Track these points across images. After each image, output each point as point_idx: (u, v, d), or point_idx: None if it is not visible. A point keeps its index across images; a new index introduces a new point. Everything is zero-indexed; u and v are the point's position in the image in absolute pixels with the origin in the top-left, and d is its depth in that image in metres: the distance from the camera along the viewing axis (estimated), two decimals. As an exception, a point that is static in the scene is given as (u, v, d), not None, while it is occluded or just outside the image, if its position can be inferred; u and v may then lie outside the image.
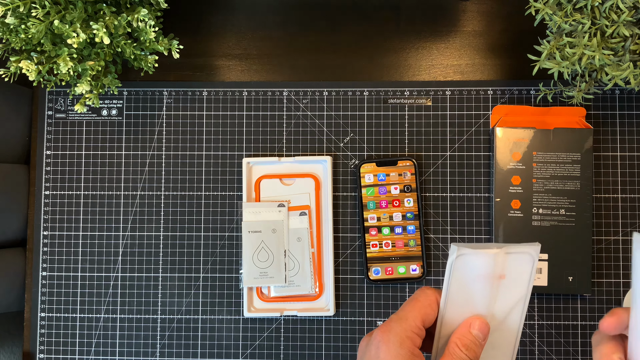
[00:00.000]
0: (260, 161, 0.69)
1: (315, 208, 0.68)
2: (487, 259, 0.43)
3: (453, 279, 0.43)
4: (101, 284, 0.69)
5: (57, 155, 0.71)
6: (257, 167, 0.69)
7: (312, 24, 0.71)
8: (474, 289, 0.44)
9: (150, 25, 0.59)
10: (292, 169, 0.69)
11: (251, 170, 0.69)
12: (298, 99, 0.70)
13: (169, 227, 0.70)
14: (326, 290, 0.68)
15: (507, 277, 0.43)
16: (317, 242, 0.68)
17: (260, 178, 0.69)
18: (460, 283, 0.44)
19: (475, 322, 0.43)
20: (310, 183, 0.68)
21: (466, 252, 0.43)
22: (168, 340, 0.69)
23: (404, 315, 0.43)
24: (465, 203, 0.68)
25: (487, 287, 0.43)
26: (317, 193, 0.68)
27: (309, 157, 0.69)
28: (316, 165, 0.69)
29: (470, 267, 0.43)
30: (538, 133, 0.66)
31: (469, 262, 0.43)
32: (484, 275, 0.43)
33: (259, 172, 0.69)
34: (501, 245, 0.43)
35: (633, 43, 0.54)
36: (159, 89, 0.71)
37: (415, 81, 0.70)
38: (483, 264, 0.43)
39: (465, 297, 0.44)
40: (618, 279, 0.66)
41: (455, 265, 0.43)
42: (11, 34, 0.58)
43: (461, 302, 0.44)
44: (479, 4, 0.71)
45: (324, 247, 0.68)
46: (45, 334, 0.69)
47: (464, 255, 0.43)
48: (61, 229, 0.70)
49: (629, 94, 0.68)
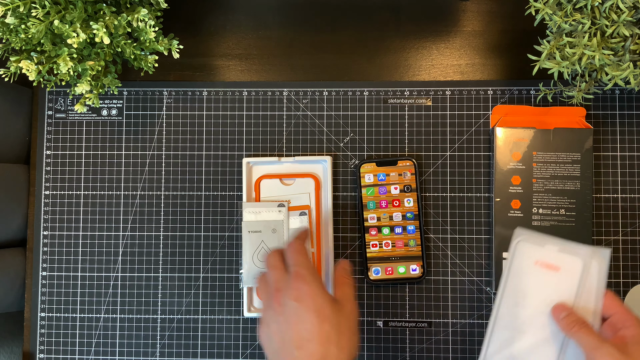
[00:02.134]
0: (260, 161, 0.69)
1: (315, 208, 0.68)
2: (544, 248, 0.54)
3: (515, 261, 0.54)
4: (101, 284, 0.69)
5: (57, 155, 0.71)
6: (257, 167, 0.69)
7: (312, 24, 0.71)
8: (529, 273, 0.54)
9: (150, 25, 0.59)
10: (292, 169, 0.69)
11: (251, 170, 0.69)
12: (298, 99, 0.70)
13: (169, 227, 0.70)
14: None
15: (561, 270, 0.54)
16: (316, 242, 0.68)
17: (260, 178, 0.68)
18: (519, 267, 0.54)
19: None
20: (310, 183, 0.68)
21: (526, 237, 0.55)
22: (168, 340, 0.69)
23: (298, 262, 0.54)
24: (465, 203, 0.68)
25: (541, 275, 0.54)
26: (317, 193, 0.68)
27: (309, 157, 0.69)
28: (316, 165, 0.69)
29: (529, 253, 0.54)
30: (538, 133, 0.66)
31: (528, 248, 0.55)
32: (540, 262, 0.54)
33: (259, 172, 0.69)
34: (562, 241, 0.54)
35: (633, 43, 0.54)
36: (159, 89, 0.71)
37: (415, 81, 0.70)
38: (540, 252, 0.54)
39: (522, 279, 0.54)
40: (618, 279, 0.66)
41: (517, 248, 0.55)
42: (11, 34, 0.58)
43: (517, 284, 0.54)
44: (479, 4, 0.71)
45: (324, 247, 0.68)
46: (45, 334, 0.69)
47: (524, 240, 0.55)
48: (61, 229, 0.70)
49: (629, 94, 0.68)
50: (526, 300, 0.54)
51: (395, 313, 0.68)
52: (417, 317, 0.67)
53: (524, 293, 0.54)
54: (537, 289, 0.54)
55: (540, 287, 0.54)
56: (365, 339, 0.68)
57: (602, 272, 0.53)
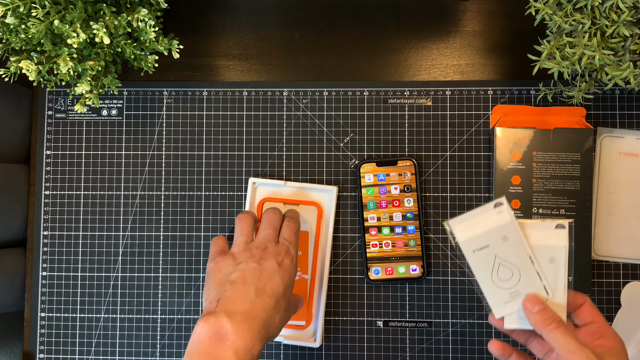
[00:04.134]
0: (266, 182, 0.68)
1: (315, 237, 0.67)
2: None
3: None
4: (101, 284, 0.69)
5: (57, 155, 0.71)
6: (262, 189, 0.69)
7: (312, 24, 0.71)
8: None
9: (150, 25, 0.59)
10: (296, 195, 0.68)
11: (256, 191, 0.68)
12: (298, 99, 0.70)
13: (169, 227, 0.70)
14: (315, 320, 0.67)
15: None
16: (312, 269, 0.67)
17: (263, 200, 0.68)
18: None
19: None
20: (313, 211, 0.68)
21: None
22: (168, 340, 0.69)
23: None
24: (465, 203, 0.68)
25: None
26: (318, 222, 0.67)
27: (316, 186, 0.68)
28: (321, 194, 0.68)
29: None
30: (538, 133, 0.66)
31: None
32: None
33: (263, 194, 0.68)
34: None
35: (633, 43, 0.54)
36: (159, 89, 0.71)
37: (415, 81, 0.70)
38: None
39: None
40: (618, 279, 0.66)
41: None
42: (11, 34, 0.58)
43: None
44: (479, 4, 0.71)
45: (318, 276, 0.67)
46: (45, 334, 0.69)
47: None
48: (61, 229, 0.70)
49: (629, 94, 0.68)
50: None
51: (395, 313, 0.68)
52: (417, 317, 0.67)
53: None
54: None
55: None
56: (365, 339, 0.68)
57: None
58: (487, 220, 0.51)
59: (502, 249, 0.51)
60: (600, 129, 0.67)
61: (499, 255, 0.51)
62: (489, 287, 0.51)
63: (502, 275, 0.51)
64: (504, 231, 0.51)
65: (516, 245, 0.50)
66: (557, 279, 0.50)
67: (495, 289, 0.51)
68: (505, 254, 0.51)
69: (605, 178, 0.66)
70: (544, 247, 0.50)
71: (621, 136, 0.67)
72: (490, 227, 0.51)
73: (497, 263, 0.51)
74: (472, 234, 0.51)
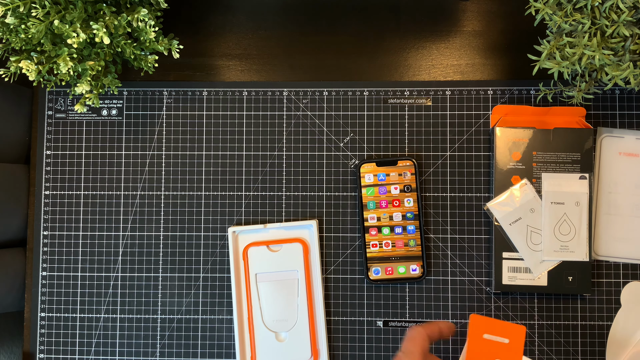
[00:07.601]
0: (246, 229, 0.68)
1: (305, 272, 0.67)
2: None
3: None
4: (101, 284, 0.69)
5: (57, 155, 0.71)
6: (244, 236, 0.68)
7: (312, 24, 0.71)
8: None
9: (150, 25, 0.59)
10: (278, 235, 0.68)
11: (237, 239, 0.68)
12: (298, 99, 0.70)
13: (169, 227, 0.70)
14: (321, 356, 0.67)
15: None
16: (308, 306, 0.67)
17: (247, 246, 0.68)
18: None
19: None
20: (298, 248, 0.68)
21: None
22: (168, 340, 0.69)
23: (409, 350, 0.54)
24: (465, 203, 0.68)
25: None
26: (305, 257, 0.67)
27: (295, 223, 0.68)
28: (302, 230, 0.68)
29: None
30: (538, 133, 0.66)
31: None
32: None
33: (246, 241, 0.68)
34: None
35: (633, 43, 0.54)
36: (159, 89, 0.71)
37: (415, 81, 0.70)
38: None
39: None
40: (618, 279, 0.66)
41: None
42: (11, 34, 0.58)
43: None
44: (479, 4, 0.71)
45: (317, 312, 0.67)
46: (45, 334, 0.69)
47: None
48: (61, 229, 0.70)
49: (629, 94, 0.68)
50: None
51: (395, 313, 0.68)
52: (417, 317, 0.67)
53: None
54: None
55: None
56: (365, 339, 0.68)
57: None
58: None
59: (531, 219, 0.64)
60: (600, 129, 0.67)
61: (530, 224, 0.64)
62: (526, 251, 0.64)
63: (535, 240, 0.64)
64: (530, 205, 0.64)
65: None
66: (582, 219, 0.64)
67: (531, 253, 0.64)
68: (534, 222, 0.64)
69: (605, 178, 0.66)
70: (571, 193, 0.64)
71: (621, 136, 0.67)
72: (520, 204, 0.64)
73: (530, 231, 0.64)
74: (507, 211, 0.64)
